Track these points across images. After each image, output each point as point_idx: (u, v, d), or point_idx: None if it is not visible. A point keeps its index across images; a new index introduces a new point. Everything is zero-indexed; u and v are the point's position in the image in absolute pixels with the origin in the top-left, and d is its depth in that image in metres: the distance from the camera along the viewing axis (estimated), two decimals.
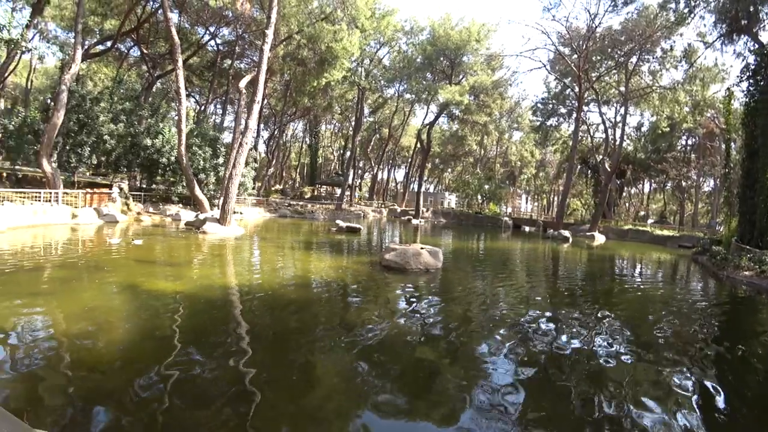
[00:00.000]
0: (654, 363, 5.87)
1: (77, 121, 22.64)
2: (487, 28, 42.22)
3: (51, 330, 5.54)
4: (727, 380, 5.57)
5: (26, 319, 5.85)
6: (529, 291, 10.87)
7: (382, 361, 5.27)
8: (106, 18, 31.60)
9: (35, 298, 6.83)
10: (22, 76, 47.80)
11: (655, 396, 4.69)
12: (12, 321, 5.69)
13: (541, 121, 49.97)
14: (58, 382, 4.13)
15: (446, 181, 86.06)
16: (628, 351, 6.31)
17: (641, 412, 4.26)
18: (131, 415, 3.67)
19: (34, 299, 6.78)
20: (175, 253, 13.04)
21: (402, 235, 27.88)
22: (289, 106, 47.43)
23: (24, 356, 4.67)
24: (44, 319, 5.93)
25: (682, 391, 4.91)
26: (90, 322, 5.86)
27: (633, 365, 5.73)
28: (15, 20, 11.69)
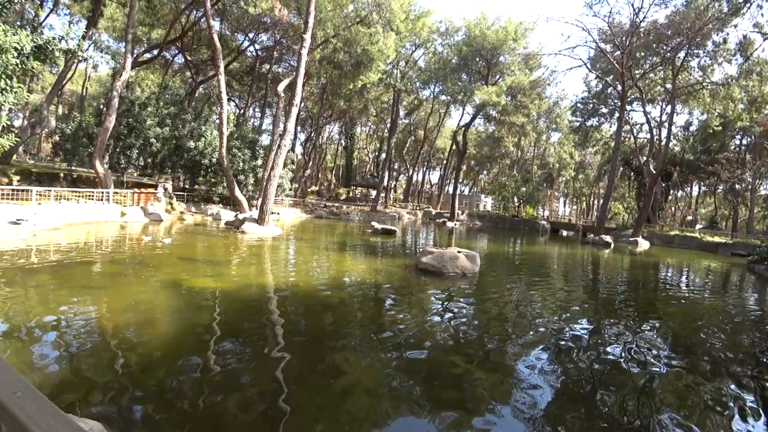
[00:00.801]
0: (699, 377, 5.51)
1: (127, 125, 23.90)
2: (524, 26, 41.31)
3: (99, 321, 5.82)
4: None
5: (78, 309, 6.18)
6: (567, 298, 10.46)
7: (414, 365, 5.20)
8: (153, 28, 33.44)
9: (87, 291, 7.22)
10: (78, 83, 51.02)
11: (700, 412, 4.38)
12: (65, 311, 6.04)
13: (581, 122, 48.27)
14: (102, 370, 4.34)
15: (482, 183, 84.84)
16: (670, 364, 5.96)
17: (682, 427, 3.98)
18: (169, 404, 3.81)
19: (86, 292, 7.18)
20: (215, 252, 13.45)
21: (437, 238, 27.62)
22: (326, 108, 48.16)
23: (73, 344, 4.92)
24: (94, 311, 6.25)
25: (730, 409, 4.56)
26: (135, 315, 6.13)
27: (676, 378, 5.40)
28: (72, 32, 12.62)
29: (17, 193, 16.12)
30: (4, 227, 12.55)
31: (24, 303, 6.39)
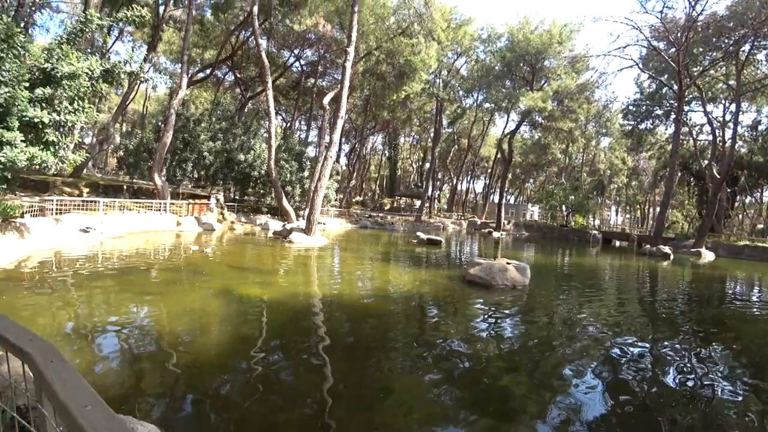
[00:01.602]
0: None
1: (182, 140, 25.33)
2: (569, 28, 40.02)
3: (156, 326, 6.11)
4: None
5: (137, 314, 6.54)
6: (621, 313, 9.84)
7: (459, 379, 5.05)
8: (206, 49, 35.57)
9: (145, 296, 7.63)
10: (139, 103, 54.90)
11: None
12: (125, 315, 6.40)
13: (633, 125, 45.83)
14: (158, 374, 4.53)
15: (528, 191, 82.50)
16: (738, 388, 5.41)
17: None
18: (219, 409, 3.92)
19: (144, 297, 7.59)
20: (264, 261, 13.84)
21: (482, 249, 27.05)
22: (369, 119, 48.81)
23: (132, 347, 5.19)
24: (151, 316, 6.58)
25: None
26: (189, 321, 6.38)
27: (744, 406, 4.89)
28: (135, 56, 13.70)
29: (87, 204, 17.40)
30: (76, 235, 13.57)
31: (90, 306, 6.84)
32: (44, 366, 1.11)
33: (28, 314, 6.07)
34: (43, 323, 5.78)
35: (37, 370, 1.12)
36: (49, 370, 1.08)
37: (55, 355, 1.16)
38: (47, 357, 1.15)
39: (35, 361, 1.15)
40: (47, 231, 12.41)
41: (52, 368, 1.09)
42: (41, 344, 1.24)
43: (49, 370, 1.08)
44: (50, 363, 1.12)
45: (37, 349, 1.21)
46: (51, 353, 1.17)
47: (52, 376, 1.05)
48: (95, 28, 11.37)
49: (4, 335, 1.36)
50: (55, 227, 13.04)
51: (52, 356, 1.15)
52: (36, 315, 6.13)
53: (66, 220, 13.99)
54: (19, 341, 1.28)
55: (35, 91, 9.15)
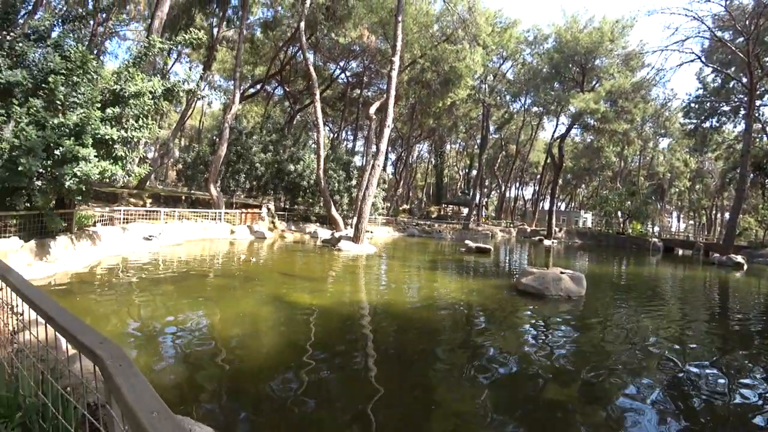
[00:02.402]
0: None
1: (235, 153, 26.53)
2: (621, 24, 38.03)
3: (211, 330, 6.36)
4: None
5: (194, 318, 6.84)
6: (687, 329, 9.04)
7: (506, 397, 4.83)
8: (256, 65, 37.32)
9: (201, 301, 7.99)
10: (196, 118, 58.31)
11: None
12: (183, 319, 6.72)
13: (696, 124, 42.72)
14: (212, 376, 4.71)
15: (580, 197, 79.12)
16: None
17: None
18: (269, 413, 4.01)
19: (201, 302, 7.95)
20: (313, 268, 14.11)
21: (533, 257, 26.13)
22: (415, 128, 48.87)
23: (189, 350, 5.41)
24: (207, 320, 6.86)
25: None
26: (242, 326, 6.60)
27: None
28: (192, 75, 14.70)
29: (149, 214, 18.59)
30: (139, 242, 14.51)
31: (151, 309, 7.26)
32: (114, 370, 1.15)
33: (97, 315, 6.53)
34: (110, 324, 6.19)
35: (107, 373, 1.16)
36: (118, 375, 1.12)
37: (124, 360, 1.21)
38: (116, 361, 1.19)
39: (105, 364, 1.20)
40: (115, 239, 13.36)
41: (121, 372, 1.13)
42: (111, 348, 1.29)
43: (118, 375, 1.12)
44: (119, 367, 1.16)
45: (108, 353, 1.26)
46: (120, 357, 1.22)
47: (121, 380, 1.09)
48: (157, 51, 12.20)
49: (77, 337, 1.43)
50: (122, 235, 14.01)
51: (121, 360, 1.20)
52: (104, 315, 6.58)
53: (131, 229, 15.01)
54: (91, 343, 1.35)
55: (106, 111, 9.92)
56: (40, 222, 9.87)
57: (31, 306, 1.96)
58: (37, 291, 2.08)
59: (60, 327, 1.59)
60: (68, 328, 1.52)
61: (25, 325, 2.34)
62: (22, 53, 10.05)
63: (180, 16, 27.22)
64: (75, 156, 8.96)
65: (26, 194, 9.20)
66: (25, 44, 10.13)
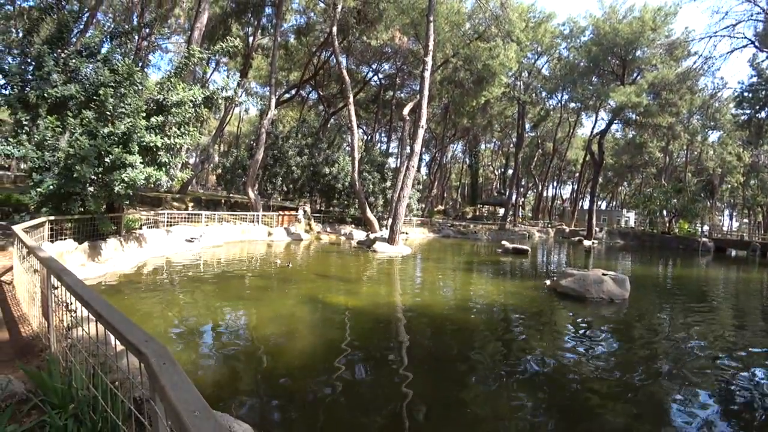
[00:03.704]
0: None
1: (272, 156, 27.21)
2: (664, 12, 36.11)
3: (249, 330, 6.53)
4: None
5: (233, 318, 7.06)
6: (741, 334, 8.48)
7: (544, 399, 4.68)
8: (290, 71, 38.16)
9: (240, 301, 8.23)
10: (234, 124, 60.25)
11: None
12: (222, 318, 6.93)
13: (749, 114, 39.80)
14: (250, 375, 4.83)
15: (622, 196, 75.90)
16: None
17: None
18: (305, 412, 4.06)
19: (240, 302, 8.19)
20: (349, 270, 14.23)
21: (572, 258, 25.30)
22: (449, 128, 48.46)
23: (228, 349, 5.58)
24: (245, 320, 7.06)
25: None
26: (279, 326, 6.73)
27: None
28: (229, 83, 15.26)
29: (191, 217, 19.34)
30: (182, 244, 15.11)
31: (193, 308, 7.53)
32: (158, 368, 1.18)
33: (143, 313, 6.84)
34: (154, 321, 6.48)
35: (152, 371, 1.20)
36: (162, 373, 1.15)
37: (168, 358, 1.24)
38: (161, 360, 1.22)
39: (150, 362, 1.23)
40: (160, 241, 13.98)
41: (165, 371, 1.16)
42: (156, 347, 1.33)
43: (162, 373, 1.15)
44: (163, 366, 1.19)
45: (152, 351, 1.29)
46: (164, 356, 1.25)
47: (165, 379, 1.12)
48: (196, 61, 12.70)
49: (125, 335, 1.49)
50: (165, 237, 14.64)
51: (165, 359, 1.23)
52: (149, 314, 6.89)
53: (175, 231, 15.66)
54: (137, 342, 1.39)
55: (150, 120, 10.42)
56: (92, 225, 10.47)
57: (83, 304, 2.06)
58: (89, 290, 2.19)
59: (109, 324, 1.67)
60: (116, 325, 1.59)
61: (78, 321, 2.47)
62: (75, 68, 10.72)
63: (217, 26, 28.22)
64: (123, 163, 9.46)
65: (80, 199, 9.78)
66: (78, 60, 10.79)
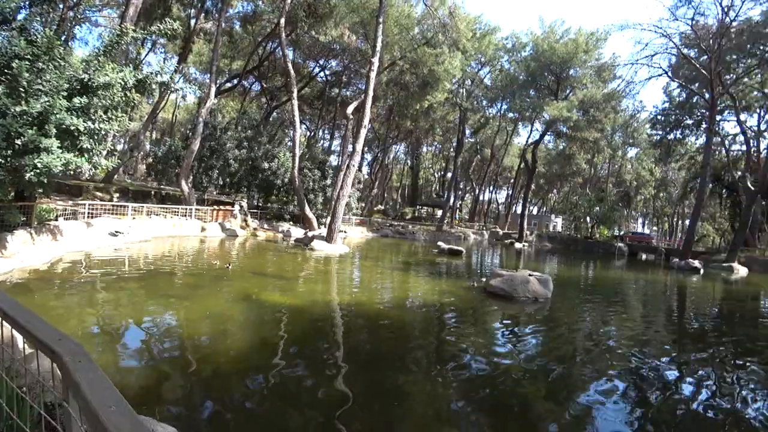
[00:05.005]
0: None
1: (209, 148, 25.99)
2: (595, 37, 39.32)
3: (178, 330, 6.24)
4: None
5: (160, 317, 6.69)
6: (647, 330, 9.50)
7: (476, 394, 4.95)
8: (233, 60, 36.62)
9: (168, 300, 7.81)
10: (169, 111, 56.68)
11: None
12: (148, 318, 6.56)
13: (662, 135, 44.55)
14: (178, 376, 4.62)
15: (552, 202, 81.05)
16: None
17: None
18: (237, 414, 3.96)
19: (167, 301, 7.77)
20: (285, 268, 13.99)
21: (504, 260, 26.65)
22: (392, 129, 49.01)
23: (154, 349, 5.30)
24: (173, 320, 6.72)
25: None
26: (210, 325, 6.49)
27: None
28: (166, 67, 14.31)
29: (116, 209, 17.99)
30: (105, 238, 14.02)
31: (115, 307, 7.04)
32: (72, 366, 1.14)
33: (57, 313, 6.29)
34: (71, 323, 5.99)
35: (66, 370, 1.16)
36: (77, 371, 1.11)
37: (83, 356, 1.20)
38: (75, 357, 1.18)
39: (64, 361, 1.19)
40: (79, 234, 12.88)
41: (80, 369, 1.12)
42: (70, 344, 1.27)
43: (77, 371, 1.11)
44: (78, 363, 1.15)
45: (66, 349, 1.24)
46: (80, 354, 1.21)
47: (80, 376, 1.08)
48: (130, 40, 11.84)
49: (35, 334, 1.41)
50: (86, 230, 13.51)
51: (80, 357, 1.19)
52: (64, 314, 6.35)
53: (97, 224, 14.49)
54: (49, 340, 1.32)
55: (73, 100, 9.54)
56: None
57: None
58: None
59: (16, 324, 1.56)
60: (25, 325, 1.49)
61: None
62: None
63: (156, 4, 26.43)
64: (37, 146, 8.61)
65: None
66: None
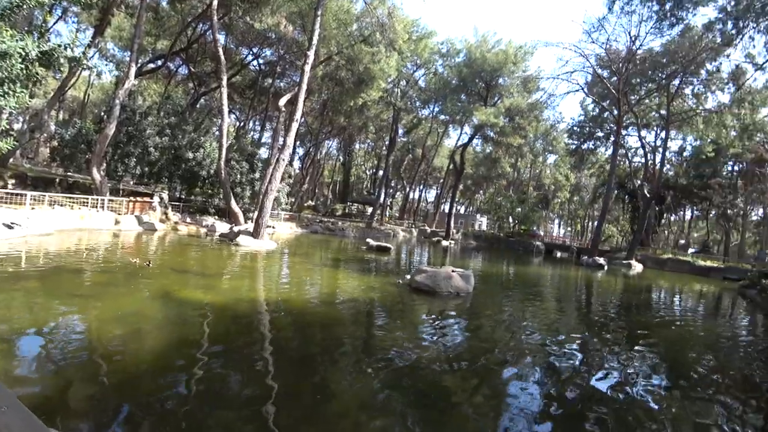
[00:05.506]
0: (689, 402, 5.50)
1: (126, 134, 23.98)
2: (523, 50, 42.03)
3: (85, 332, 5.77)
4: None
5: (64, 319, 6.12)
6: (560, 320, 10.48)
7: (405, 386, 5.16)
8: (158, 39, 33.94)
9: (73, 300, 7.14)
10: (81, 90, 51.29)
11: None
12: (49, 320, 5.97)
13: (577, 145, 48.96)
14: (86, 383, 4.27)
15: (478, 202, 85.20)
16: (662, 387, 6.01)
17: None
18: (154, 420, 3.75)
19: (73, 300, 7.09)
20: (208, 264, 13.40)
21: (431, 257, 27.62)
22: (325, 124, 48.52)
23: (57, 355, 4.86)
24: (80, 321, 6.18)
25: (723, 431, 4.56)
26: (123, 326, 6.05)
27: (667, 402, 5.43)
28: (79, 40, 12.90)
29: (12, 197, 16.05)
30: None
31: (9, 309, 6.30)
32: None
33: None
34: None
35: None
36: None
37: None
38: None
39: None
40: None
41: None
42: None
43: None
44: None
45: None
46: None
47: None
48: (34, 4, 10.60)
49: None
50: None
51: None
52: None
53: None
54: None
55: None
56: None
57: None
58: None
59: None
60: None
61: None
62: None
63: None
64: None
65: None
66: None
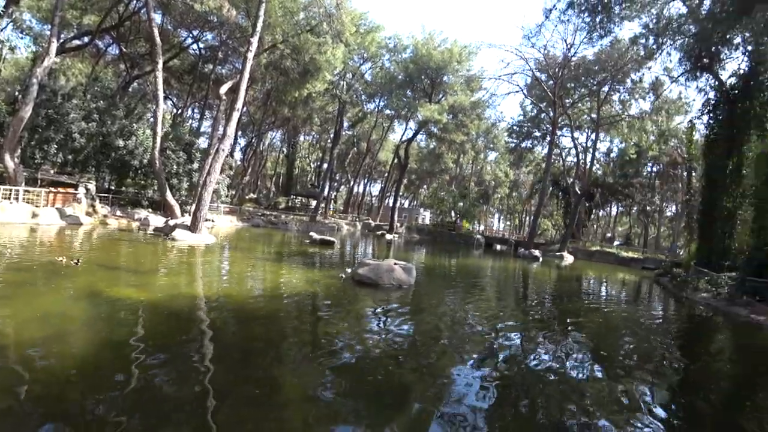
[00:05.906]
0: (612, 378, 6.07)
1: (46, 117, 21.93)
2: (468, 50, 43.23)
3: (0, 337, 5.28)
4: (680, 391, 5.92)
5: None
6: (499, 309, 11.08)
7: (350, 378, 5.22)
8: (85, 13, 30.80)
9: None
10: None
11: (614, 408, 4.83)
12: None
13: (516, 143, 51.45)
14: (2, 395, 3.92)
15: (421, 197, 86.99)
16: (589, 366, 6.67)
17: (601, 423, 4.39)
18: (81, 427, 3.52)
19: None
20: (141, 260, 12.68)
21: (375, 250, 27.89)
22: (269, 115, 47.18)
23: None
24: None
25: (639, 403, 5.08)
26: (43, 328, 5.59)
27: (592, 379, 6.00)
28: None
29: None
30: None
31: None
32: None
33: None
34: None
35: None
36: None
37: None
38: None
39: None
40: None
41: None
42: None
43: None
44: None
45: None
46: None
47: None
48: None
49: None
50: None
51: None
52: None
53: None
54: None
55: None
56: None
57: None
58: None
59: None
60: None
61: None
62: None
63: None
64: None
65: None
66: None
